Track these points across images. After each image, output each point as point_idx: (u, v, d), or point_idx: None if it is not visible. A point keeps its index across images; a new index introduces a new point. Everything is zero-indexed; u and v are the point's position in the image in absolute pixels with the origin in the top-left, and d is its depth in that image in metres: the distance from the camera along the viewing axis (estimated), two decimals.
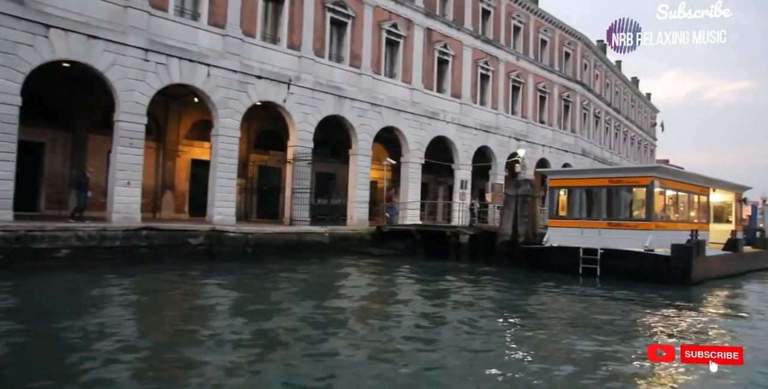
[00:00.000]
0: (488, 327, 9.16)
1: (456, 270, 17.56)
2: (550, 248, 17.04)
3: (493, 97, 30.72)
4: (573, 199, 17.35)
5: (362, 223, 22.77)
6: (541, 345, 8.11)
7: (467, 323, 9.30)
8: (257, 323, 8.63)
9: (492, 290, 13.56)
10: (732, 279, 16.95)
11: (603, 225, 16.23)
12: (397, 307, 10.84)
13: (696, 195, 18.53)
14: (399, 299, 12.10)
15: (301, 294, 12.02)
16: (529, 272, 16.88)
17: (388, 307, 10.94)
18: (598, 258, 15.78)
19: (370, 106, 23.33)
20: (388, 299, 12.09)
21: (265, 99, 19.58)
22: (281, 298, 11.37)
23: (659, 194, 16.26)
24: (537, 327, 9.35)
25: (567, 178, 17.22)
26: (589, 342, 8.22)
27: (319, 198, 25.50)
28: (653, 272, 14.97)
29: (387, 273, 16.76)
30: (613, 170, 16.34)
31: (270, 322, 8.75)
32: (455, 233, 20.38)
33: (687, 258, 14.63)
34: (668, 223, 16.45)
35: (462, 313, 10.25)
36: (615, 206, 16.33)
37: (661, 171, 15.78)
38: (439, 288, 13.72)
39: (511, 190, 18.55)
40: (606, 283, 15.11)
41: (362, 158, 23.13)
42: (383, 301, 11.84)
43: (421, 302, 11.62)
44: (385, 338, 8.14)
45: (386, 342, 7.93)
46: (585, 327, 9.54)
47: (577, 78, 38.39)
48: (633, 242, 15.55)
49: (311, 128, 21.06)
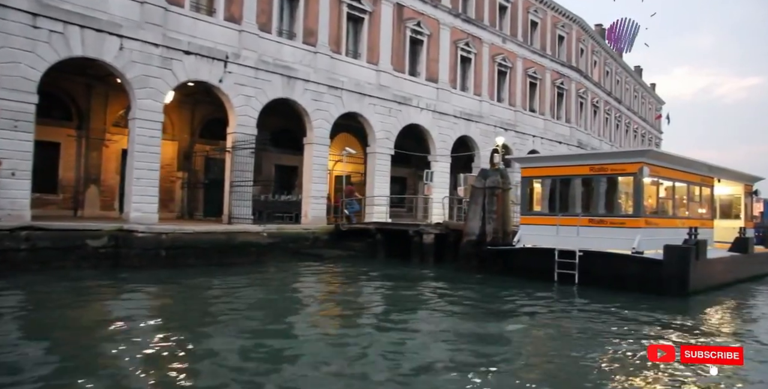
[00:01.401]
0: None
1: (412, 277, 14.88)
2: (520, 250, 14.32)
3: (475, 82, 27.94)
4: (547, 191, 14.61)
5: (319, 221, 20.12)
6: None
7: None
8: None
9: (431, 309, 10.79)
10: (740, 287, 14.15)
11: (582, 222, 13.47)
12: (269, 345, 8.11)
13: (697, 186, 15.71)
14: (281, 329, 9.35)
15: (183, 318, 9.35)
16: (496, 279, 14.17)
17: (260, 347, 8.24)
18: (576, 262, 13.06)
19: (328, 89, 20.65)
20: (270, 335, 8.79)
21: (195, 78, 16.94)
22: (147, 325, 8.71)
23: (650, 185, 13.51)
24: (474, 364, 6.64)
25: (540, 166, 14.46)
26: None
27: (279, 194, 23.06)
28: (642, 279, 12.24)
29: (324, 282, 14.10)
30: (595, 156, 13.57)
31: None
32: (418, 232, 17.69)
33: (683, 263, 11.86)
34: (662, 219, 13.66)
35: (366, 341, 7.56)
36: (596, 199, 13.57)
37: (652, 156, 13.00)
38: (369, 305, 11.03)
39: (477, 182, 15.81)
40: (584, 293, 12.40)
41: (319, 148, 20.46)
42: (269, 332, 9.15)
43: (319, 332, 8.93)
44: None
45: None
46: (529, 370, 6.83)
47: (572, 64, 35.50)
48: (618, 243, 12.82)
49: (254, 113, 18.40)
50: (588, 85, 37.76)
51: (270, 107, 20.12)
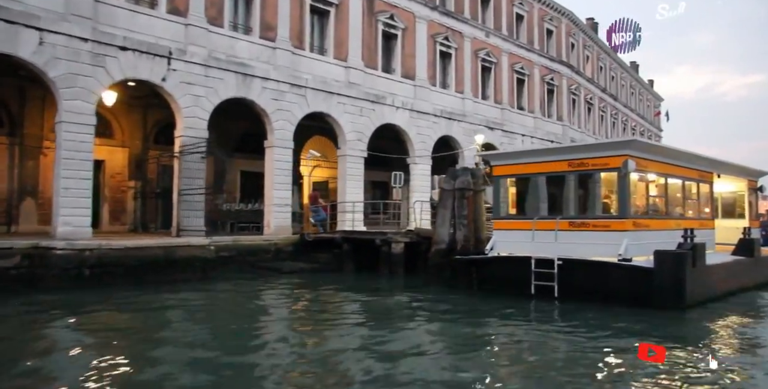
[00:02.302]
0: None
1: (371, 293, 13.18)
2: (492, 260, 12.57)
3: (457, 79, 26.27)
4: (522, 191, 12.88)
5: (282, 231, 18.41)
6: None
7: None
8: None
9: (369, 344, 9.04)
10: (746, 297, 12.34)
11: (561, 226, 11.72)
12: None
13: (694, 182, 13.94)
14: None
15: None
16: (466, 293, 12.44)
17: None
18: (555, 272, 11.29)
19: (290, 87, 19.01)
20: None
21: (134, 77, 15.33)
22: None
23: (638, 181, 11.76)
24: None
25: (513, 163, 12.72)
26: None
27: (246, 202, 21.40)
28: (631, 291, 10.49)
29: (268, 301, 12.35)
30: (573, 149, 11.82)
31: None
32: (386, 242, 15.95)
33: (677, 271, 10.10)
34: (653, 221, 11.89)
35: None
36: (576, 199, 11.82)
37: (638, 147, 11.24)
38: (284, 335, 9.28)
39: (446, 183, 14.09)
40: (565, 309, 10.68)
41: (281, 151, 18.78)
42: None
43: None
44: None
45: None
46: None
47: (563, 59, 33.82)
48: (602, 249, 11.07)
49: (204, 114, 16.76)
50: (580, 81, 36.07)
51: (234, 109, 18.57)
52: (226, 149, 22.17)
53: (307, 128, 22.72)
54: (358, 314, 10.72)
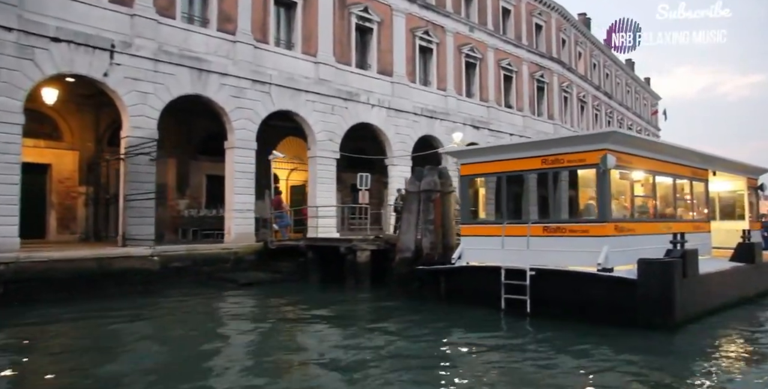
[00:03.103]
0: None
1: (335, 304, 11.80)
2: (459, 270, 11.16)
3: (439, 75, 24.91)
4: (491, 192, 11.48)
5: (244, 238, 17.02)
6: None
7: None
8: None
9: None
10: (746, 309, 10.88)
11: (534, 232, 10.29)
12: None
13: (687, 180, 12.52)
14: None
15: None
16: (430, 308, 11.03)
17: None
18: (527, 284, 9.86)
19: (252, 83, 17.65)
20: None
21: (70, 71, 13.96)
22: None
23: (619, 179, 10.35)
24: None
25: (482, 161, 11.31)
26: None
27: (212, 208, 20.04)
28: (612, 306, 9.05)
29: (209, 319, 10.90)
30: (546, 144, 10.38)
31: None
32: (351, 249, 14.52)
33: (665, 283, 8.67)
34: (639, 224, 10.46)
35: None
36: (551, 199, 10.40)
37: (618, 141, 9.81)
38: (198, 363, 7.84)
39: (411, 184, 12.70)
40: (537, 326, 9.27)
41: (242, 153, 17.41)
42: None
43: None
44: None
45: None
46: None
47: (553, 55, 32.46)
48: (581, 257, 9.65)
49: (153, 113, 15.39)
50: (572, 78, 34.69)
51: (196, 108, 17.28)
52: (188, 151, 20.87)
53: (279, 129, 21.43)
54: (307, 334, 9.29)
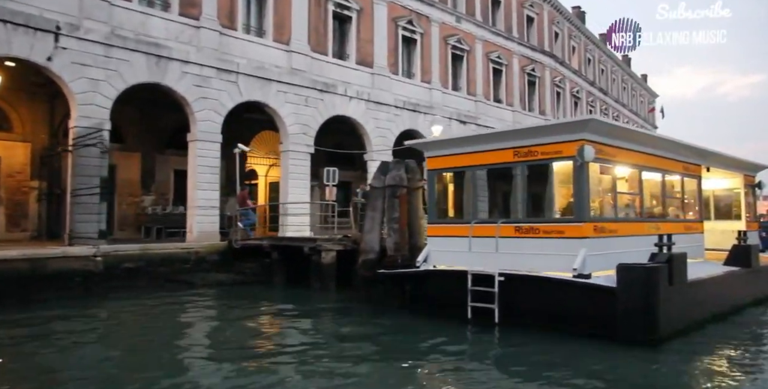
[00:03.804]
0: None
1: (294, 310, 10.73)
2: (423, 275, 10.06)
3: (423, 67, 23.79)
4: (460, 188, 10.39)
5: (208, 237, 15.92)
6: None
7: None
8: None
9: None
10: (741, 319, 9.79)
11: (506, 232, 9.20)
12: None
13: (677, 176, 11.44)
14: None
15: None
16: (395, 317, 9.97)
17: None
18: (495, 291, 8.77)
19: (217, 72, 16.53)
20: None
21: (8, 54, 12.82)
22: None
23: (600, 173, 9.28)
24: None
25: (449, 153, 10.21)
26: None
27: (179, 205, 18.92)
28: (589, 318, 7.98)
29: (146, 333, 9.78)
30: (519, 134, 9.26)
31: None
32: (315, 250, 13.43)
33: (647, 291, 7.59)
34: (621, 224, 9.37)
35: None
36: (523, 196, 9.28)
37: (598, 130, 8.70)
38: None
39: (376, 179, 11.60)
40: (507, 337, 8.26)
41: (206, 146, 16.31)
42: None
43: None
44: None
45: None
46: None
47: (545, 48, 31.35)
48: (556, 262, 8.57)
49: (105, 101, 14.28)
50: (565, 73, 33.59)
51: (164, 99, 16.19)
52: (155, 145, 19.74)
53: (254, 122, 20.32)
54: (245, 345, 8.17)
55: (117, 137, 18.87)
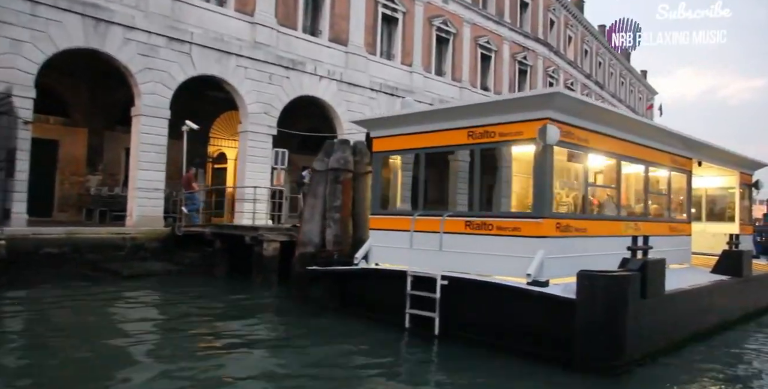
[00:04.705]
0: None
1: (223, 310, 9.31)
2: (359, 274, 8.63)
3: (404, 48, 22.23)
4: (408, 174, 8.94)
5: (150, 222, 14.46)
6: None
7: None
8: None
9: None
10: (726, 339, 8.36)
11: (453, 227, 7.76)
12: None
13: (664, 170, 9.99)
14: None
15: None
16: (329, 321, 8.58)
17: None
18: (437, 297, 7.34)
19: (167, 41, 14.98)
20: None
21: None
22: None
23: (569, 161, 7.84)
24: None
25: (397, 134, 8.73)
26: None
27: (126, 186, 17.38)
28: (543, 335, 6.56)
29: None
30: (476, 110, 7.76)
31: None
32: (257, 239, 11.99)
33: (613, 306, 6.16)
34: (591, 223, 7.92)
35: None
36: (477, 186, 7.81)
37: (566, 108, 7.19)
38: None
39: (319, 162, 10.13)
40: (446, 354, 6.90)
41: (150, 122, 14.79)
42: None
43: None
44: None
45: None
46: None
47: (539, 36, 29.78)
48: (510, 264, 7.14)
49: (29, 66, 12.70)
50: (559, 63, 32.04)
51: (117, 71, 14.64)
52: (104, 121, 18.20)
53: (218, 101, 18.81)
54: (144, 352, 6.72)
55: (61, 110, 17.42)
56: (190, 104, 17.63)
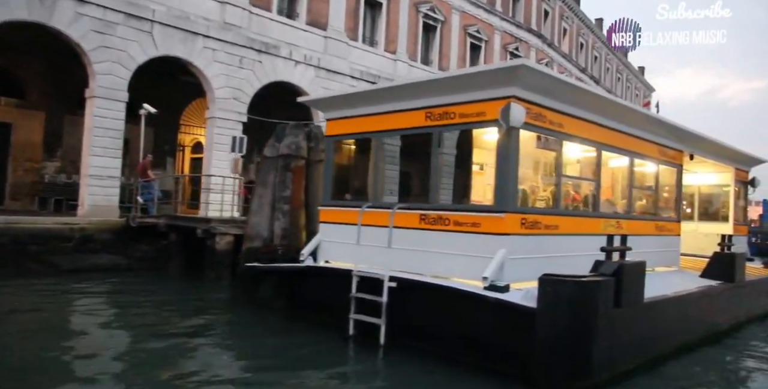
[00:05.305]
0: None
1: (147, 307, 8.36)
2: (301, 273, 7.68)
3: (388, 35, 21.21)
4: (363, 161, 7.97)
5: (103, 212, 13.48)
6: None
7: None
8: None
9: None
10: (714, 353, 7.42)
11: (405, 221, 6.80)
12: None
13: (650, 162, 9.02)
14: None
15: None
16: (265, 326, 7.65)
17: None
18: (383, 301, 6.38)
19: (125, 18, 13.95)
20: None
21: None
22: None
23: (539, 147, 6.88)
24: None
25: (351, 115, 7.73)
26: None
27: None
28: (500, 348, 5.63)
29: None
30: (434, 87, 6.79)
31: None
32: (209, 232, 11.02)
33: (578, 317, 5.22)
34: (564, 219, 6.95)
35: None
36: (435, 174, 6.84)
37: (534, 84, 6.15)
38: None
39: (269, 148, 9.14)
40: (392, 366, 5.99)
41: (106, 104, 13.80)
42: None
43: None
44: None
45: None
46: None
47: (532, 27, 28.76)
48: (468, 265, 6.18)
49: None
50: (553, 55, 31.04)
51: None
52: (64, 104, 17.12)
53: (191, 87, 17.73)
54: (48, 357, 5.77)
55: (16, 91, 16.37)
56: (160, 89, 16.66)
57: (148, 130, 17.19)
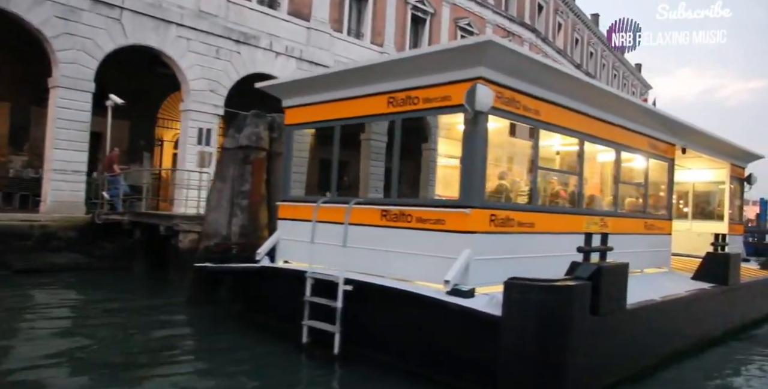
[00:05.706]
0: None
1: (98, 312, 7.71)
2: (255, 274, 7.02)
3: (375, 27, 20.54)
4: (323, 152, 7.32)
5: (67, 208, 12.84)
6: None
7: None
8: None
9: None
10: (706, 363, 6.78)
11: (364, 217, 6.15)
12: None
13: (639, 155, 8.36)
14: None
15: None
16: (219, 333, 7.00)
17: None
18: (338, 306, 5.73)
19: (92, 4, 13.26)
20: None
21: None
22: None
23: (511, 136, 6.24)
24: None
25: (312, 102, 7.08)
26: None
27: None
28: (463, 360, 4.98)
29: None
30: (396, 69, 6.15)
31: None
32: (172, 229, 10.35)
33: (548, 326, 4.56)
34: (539, 216, 6.29)
35: None
36: (396, 166, 6.19)
37: (504, 64, 5.48)
38: None
39: (229, 139, 8.48)
40: (346, 380, 5.26)
41: (70, 95, 13.13)
42: None
43: None
44: None
45: None
46: None
47: (525, 21, 28.10)
48: (430, 267, 5.53)
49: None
50: (547, 50, 30.37)
51: None
52: (31, 96, 16.38)
53: (169, 79, 17.06)
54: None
55: None
56: (134, 81, 16.00)
57: (123, 123, 16.54)
